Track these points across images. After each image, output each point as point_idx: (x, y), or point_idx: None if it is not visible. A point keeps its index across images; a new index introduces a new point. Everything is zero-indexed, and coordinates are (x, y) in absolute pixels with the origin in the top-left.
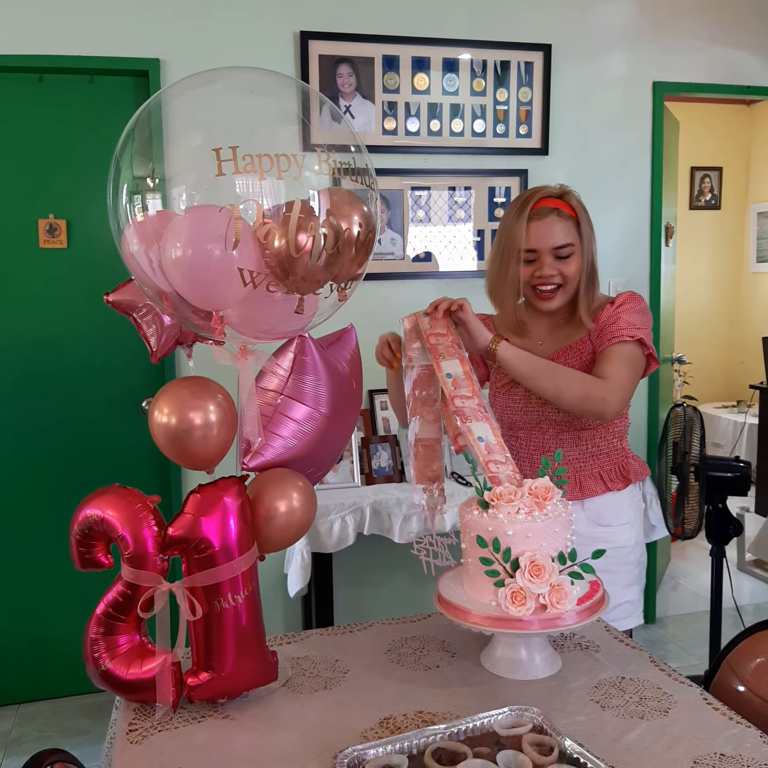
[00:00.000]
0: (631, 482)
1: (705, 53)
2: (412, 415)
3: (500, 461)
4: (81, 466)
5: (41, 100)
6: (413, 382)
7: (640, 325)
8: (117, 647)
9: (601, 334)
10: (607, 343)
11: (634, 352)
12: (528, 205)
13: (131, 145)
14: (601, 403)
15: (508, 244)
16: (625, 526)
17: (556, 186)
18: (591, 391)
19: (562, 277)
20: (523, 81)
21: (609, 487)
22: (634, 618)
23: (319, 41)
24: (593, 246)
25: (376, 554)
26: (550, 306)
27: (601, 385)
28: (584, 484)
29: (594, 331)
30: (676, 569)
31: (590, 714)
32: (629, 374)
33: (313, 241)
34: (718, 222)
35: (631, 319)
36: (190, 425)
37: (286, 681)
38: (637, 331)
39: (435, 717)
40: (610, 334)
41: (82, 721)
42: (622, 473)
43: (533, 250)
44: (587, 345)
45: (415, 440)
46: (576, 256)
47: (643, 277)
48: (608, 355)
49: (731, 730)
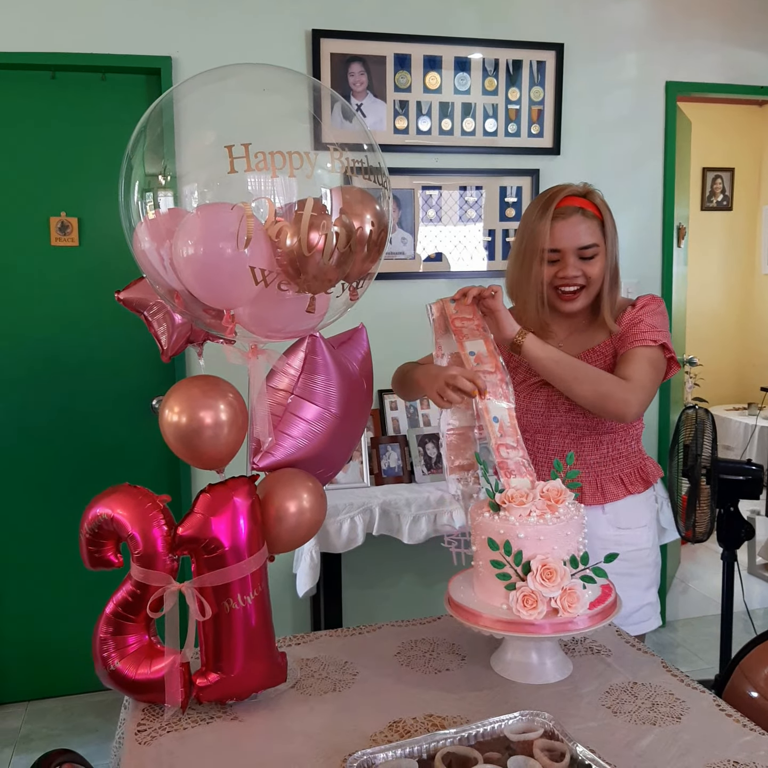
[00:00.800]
0: (651, 484)
1: (718, 53)
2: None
3: (511, 446)
4: (91, 465)
5: (53, 98)
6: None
7: (662, 328)
8: (126, 647)
9: (623, 337)
10: (630, 345)
11: (657, 355)
12: (552, 203)
13: (143, 142)
14: (623, 403)
15: (531, 243)
16: (643, 529)
17: (580, 184)
18: (613, 391)
19: (585, 278)
20: (535, 80)
21: (630, 491)
22: (654, 620)
23: (331, 39)
24: (617, 247)
25: (385, 555)
26: (572, 307)
27: (623, 386)
28: (606, 488)
29: (616, 333)
30: (687, 572)
31: (602, 719)
32: (651, 376)
33: (325, 240)
34: (730, 223)
35: (654, 322)
36: (201, 424)
37: (295, 683)
38: (659, 335)
39: (445, 721)
40: (632, 337)
41: (91, 719)
42: (641, 475)
43: (557, 250)
44: (609, 348)
45: (447, 430)
46: (600, 257)
47: (654, 278)
48: (631, 357)
49: (745, 737)
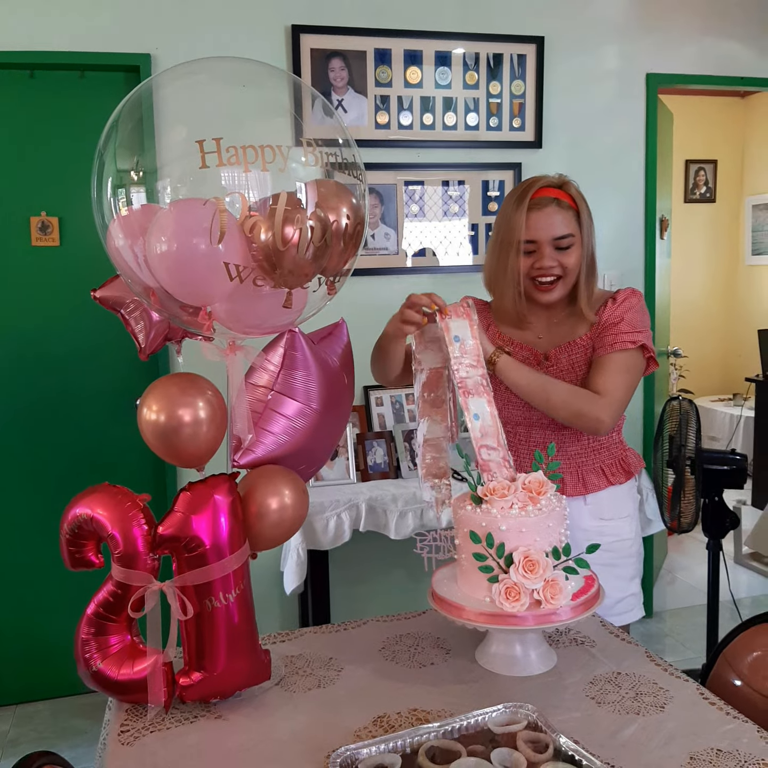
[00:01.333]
0: (633, 475)
1: (698, 45)
2: (421, 417)
3: (492, 446)
4: (75, 465)
5: (32, 96)
6: (422, 385)
7: (642, 327)
8: (108, 647)
9: (602, 334)
10: (609, 348)
11: (635, 359)
12: (527, 194)
13: (115, 138)
14: (595, 422)
15: (507, 234)
16: (625, 519)
17: (555, 175)
18: (586, 410)
19: (561, 268)
20: (516, 74)
21: (611, 481)
22: (637, 610)
23: (311, 35)
24: (593, 237)
25: (373, 551)
26: (549, 298)
27: (596, 404)
28: (587, 479)
29: (595, 328)
30: (674, 563)
31: (586, 710)
32: (627, 385)
33: (300, 234)
34: (713, 215)
35: (634, 321)
36: (179, 422)
37: (279, 680)
38: (639, 336)
39: (429, 715)
40: (612, 338)
41: (80, 722)
42: (623, 467)
43: (533, 241)
44: (589, 341)
45: (424, 440)
46: (576, 247)
47: (638, 270)
48: (606, 364)
49: (728, 725)
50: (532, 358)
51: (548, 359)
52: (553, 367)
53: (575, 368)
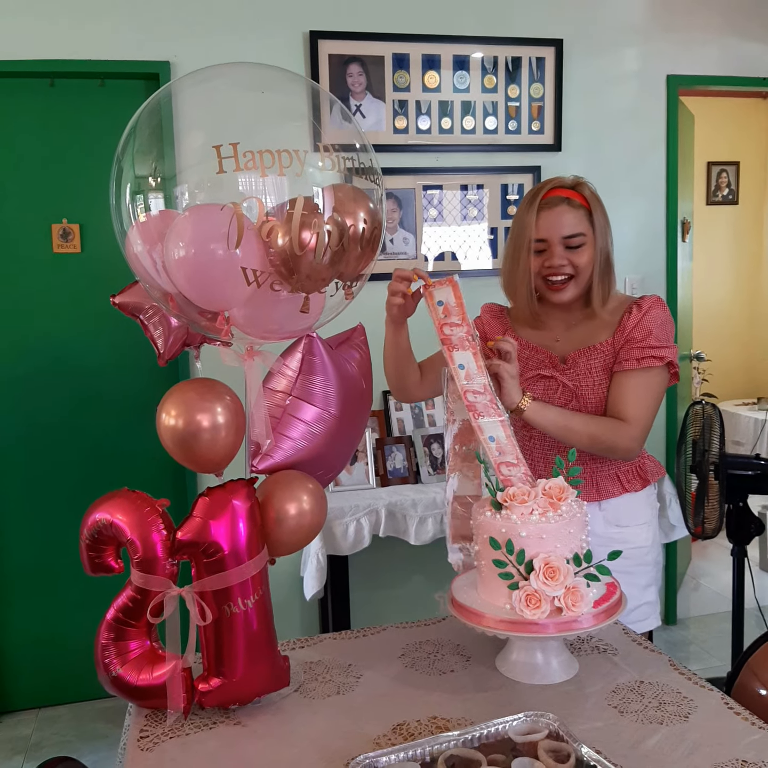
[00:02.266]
0: (649, 483)
1: (719, 45)
2: (452, 471)
3: (512, 463)
4: (96, 470)
5: (53, 105)
6: (454, 436)
7: (669, 342)
8: (128, 653)
9: (628, 345)
10: (635, 363)
11: (661, 377)
12: (539, 195)
13: (133, 144)
14: (624, 452)
15: (520, 235)
16: (642, 526)
17: (570, 177)
18: (614, 442)
19: (573, 267)
20: (535, 77)
21: (626, 488)
22: (652, 620)
23: (329, 41)
24: (608, 237)
25: (392, 556)
26: (561, 297)
27: (624, 435)
28: (601, 485)
29: (619, 335)
30: (698, 569)
31: (608, 720)
32: (652, 408)
33: (317, 239)
34: (736, 217)
35: (662, 335)
36: (198, 428)
37: (298, 686)
38: (666, 352)
39: (449, 723)
40: (639, 352)
41: (101, 726)
42: (639, 474)
43: (543, 239)
44: (611, 348)
45: (453, 497)
46: (588, 247)
47: (659, 273)
48: (632, 385)
49: (753, 736)
50: (548, 362)
51: (565, 362)
52: (569, 370)
53: (592, 373)
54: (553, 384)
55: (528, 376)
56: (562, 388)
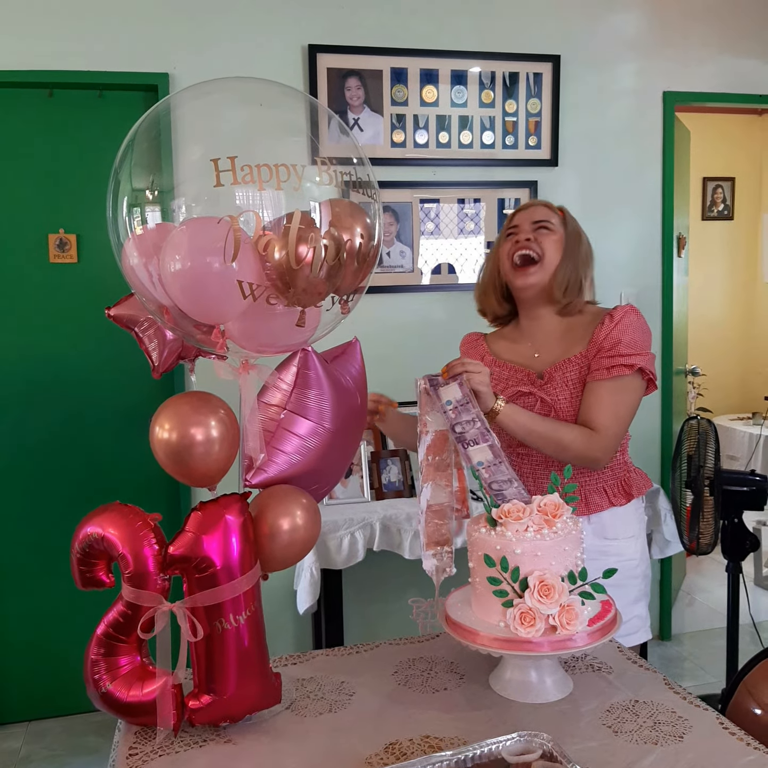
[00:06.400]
0: (633, 497)
1: (715, 62)
2: (425, 481)
3: (503, 480)
4: (91, 482)
5: (51, 116)
6: (427, 447)
7: (640, 349)
8: (118, 668)
9: (599, 355)
10: (605, 373)
11: (631, 385)
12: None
13: (130, 157)
14: (593, 462)
15: (496, 243)
16: (630, 539)
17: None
18: (583, 451)
19: (539, 248)
20: (532, 92)
21: (612, 502)
22: (642, 633)
23: (327, 54)
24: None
25: (387, 570)
26: (527, 281)
27: (593, 443)
28: (590, 499)
29: (591, 346)
30: (693, 585)
31: (602, 739)
32: (622, 417)
33: (314, 253)
34: (731, 232)
35: (633, 343)
36: (192, 441)
37: (290, 704)
38: (637, 359)
39: (442, 742)
40: (608, 361)
41: (92, 740)
42: (624, 488)
43: (514, 225)
44: (584, 360)
45: (427, 506)
46: (555, 236)
47: (655, 288)
48: (602, 394)
49: (749, 756)
50: (526, 379)
51: (542, 377)
52: (547, 385)
53: (569, 385)
54: (531, 399)
55: (508, 394)
56: (540, 402)
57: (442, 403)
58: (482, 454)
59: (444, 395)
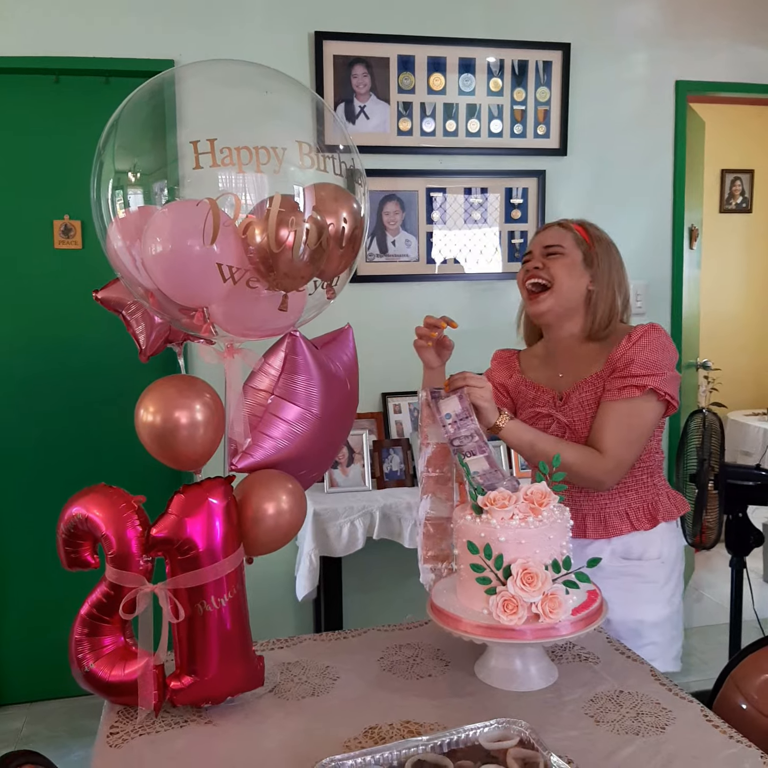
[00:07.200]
0: (659, 522)
1: (729, 51)
2: (424, 493)
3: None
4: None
5: (57, 102)
6: (428, 459)
7: (656, 369)
8: (101, 648)
9: (612, 375)
10: (616, 394)
11: (645, 406)
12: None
13: (114, 139)
14: (597, 484)
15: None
16: (655, 561)
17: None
18: (587, 473)
19: (549, 274)
20: (542, 81)
21: (635, 527)
22: (658, 663)
23: (334, 41)
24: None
25: (386, 559)
26: (538, 308)
27: (598, 465)
28: (609, 522)
29: (607, 366)
30: (701, 580)
31: (583, 729)
32: (630, 441)
33: (295, 236)
34: (749, 225)
35: (648, 362)
36: (176, 424)
37: (273, 687)
38: (650, 380)
39: (421, 728)
40: (620, 381)
41: (92, 722)
42: (650, 511)
43: (529, 252)
44: (600, 380)
45: (425, 519)
46: (564, 258)
47: (665, 280)
48: (611, 416)
49: (730, 749)
50: (550, 401)
51: (561, 398)
52: (564, 406)
53: (584, 406)
54: (548, 420)
55: (527, 415)
56: (556, 423)
57: (441, 416)
58: (478, 464)
59: (444, 408)
